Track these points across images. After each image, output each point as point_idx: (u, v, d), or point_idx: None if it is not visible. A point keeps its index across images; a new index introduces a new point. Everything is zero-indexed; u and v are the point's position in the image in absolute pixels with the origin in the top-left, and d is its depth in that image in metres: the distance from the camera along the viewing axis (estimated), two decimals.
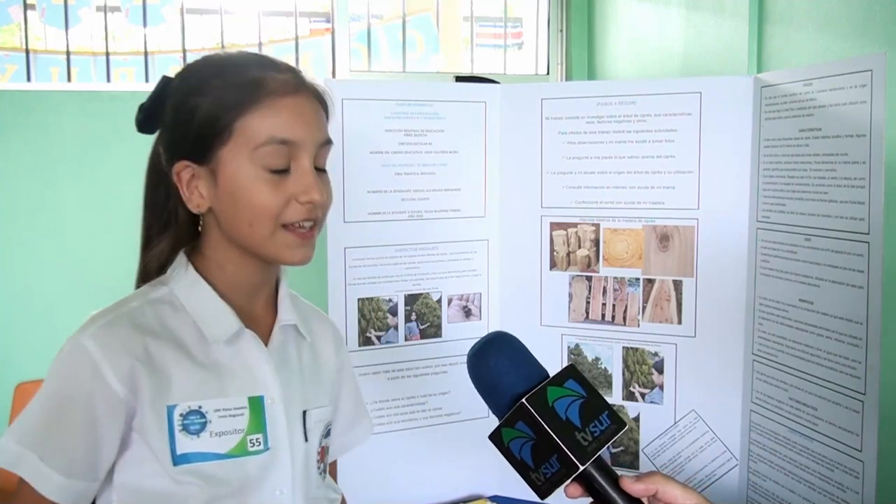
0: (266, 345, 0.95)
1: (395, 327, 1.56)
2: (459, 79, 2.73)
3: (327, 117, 0.96)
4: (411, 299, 1.56)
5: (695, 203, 1.48)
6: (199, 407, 0.88)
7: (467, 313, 1.61)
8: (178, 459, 0.85)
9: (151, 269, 0.97)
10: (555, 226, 1.57)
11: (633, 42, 2.80)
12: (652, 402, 1.53)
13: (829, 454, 1.29)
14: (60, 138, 2.67)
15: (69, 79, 2.81)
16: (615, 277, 1.54)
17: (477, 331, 1.60)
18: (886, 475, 1.24)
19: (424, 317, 1.58)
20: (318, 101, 0.94)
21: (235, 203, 0.88)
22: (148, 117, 0.95)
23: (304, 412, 0.98)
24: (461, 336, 1.60)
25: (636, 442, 1.55)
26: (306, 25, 3.01)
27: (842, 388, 1.25)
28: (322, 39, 2.98)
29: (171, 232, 0.96)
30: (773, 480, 1.42)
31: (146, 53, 2.84)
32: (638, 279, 1.53)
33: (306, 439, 0.97)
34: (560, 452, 0.69)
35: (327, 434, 1.03)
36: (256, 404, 0.91)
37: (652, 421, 1.53)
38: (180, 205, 0.93)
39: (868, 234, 1.19)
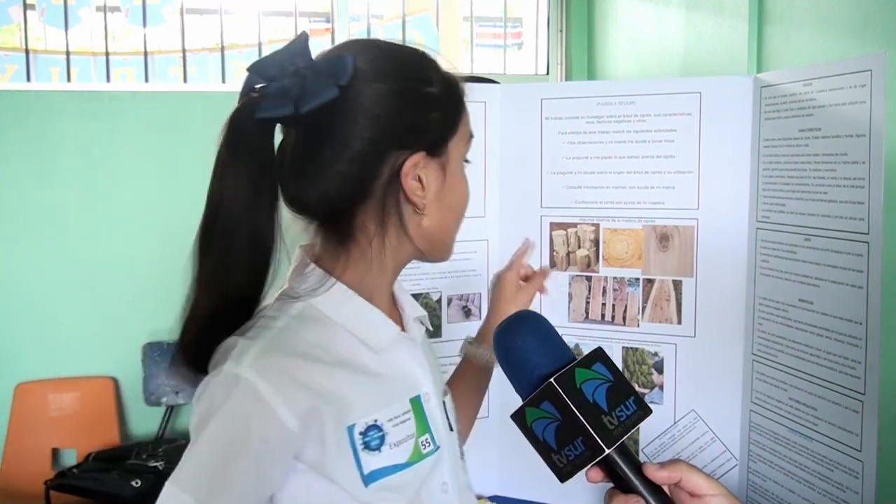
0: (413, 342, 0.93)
1: None
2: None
3: None
4: None
5: (694, 203, 1.48)
6: (375, 420, 0.82)
7: (467, 313, 1.61)
8: (367, 479, 0.79)
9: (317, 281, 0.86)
10: (554, 226, 1.57)
11: (633, 42, 2.80)
12: (651, 401, 1.53)
13: (828, 454, 1.29)
14: (60, 138, 2.68)
15: (69, 79, 2.81)
16: (615, 277, 1.54)
17: (476, 331, 1.60)
18: (886, 475, 1.24)
19: None
20: None
21: (454, 196, 0.88)
22: (344, 98, 0.79)
23: (444, 401, 0.94)
24: (461, 336, 1.59)
25: (636, 441, 1.55)
26: (306, 25, 3.01)
27: (841, 387, 1.25)
28: (322, 39, 2.98)
29: (331, 229, 0.86)
30: (772, 480, 1.42)
31: (146, 53, 2.85)
32: (638, 279, 1.53)
33: (451, 428, 0.94)
34: (586, 434, 0.69)
35: (457, 420, 1.00)
36: (417, 405, 0.87)
37: (651, 421, 1.52)
38: (387, 197, 0.83)
39: (868, 234, 1.19)
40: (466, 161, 0.90)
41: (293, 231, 0.87)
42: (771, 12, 2.04)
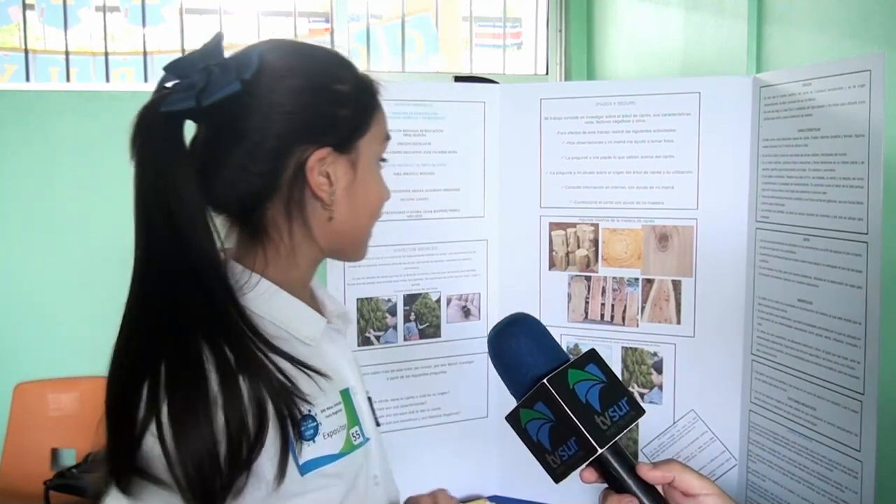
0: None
1: (394, 327, 1.56)
2: (459, 79, 2.74)
3: None
4: (410, 299, 1.57)
5: (694, 203, 1.48)
6: (310, 411, 0.82)
7: (466, 313, 1.61)
8: (303, 469, 0.80)
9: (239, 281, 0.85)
10: (554, 226, 1.57)
11: (633, 42, 2.80)
12: (651, 401, 1.53)
13: (827, 454, 1.29)
14: (59, 138, 2.68)
15: (68, 79, 2.81)
16: (614, 277, 1.54)
17: (476, 331, 1.60)
18: (885, 475, 1.24)
19: (423, 317, 1.58)
20: None
21: (366, 194, 0.88)
22: (246, 94, 0.80)
23: (370, 398, 0.96)
24: (460, 336, 1.60)
25: (635, 441, 1.55)
26: (305, 25, 3.01)
27: (840, 387, 1.25)
28: (321, 39, 2.98)
29: (243, 227, 0.86)
30: (771, 480, 1.42)
31: (145, 53, 2.85)
32: (637, 279, 1.53)
33: (377, 423, 0.96)
34: (579, 435, 0.69)
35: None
36: (346, 397, 0.89)
37: (651, 421, 1.53)
38: (293, 194, 0.84)
39: (867, 234, 1.19)
40: (383, 160, 0.91)
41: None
42: (770, 12, 2.04)
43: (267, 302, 0.85)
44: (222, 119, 0.82)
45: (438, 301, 1.59)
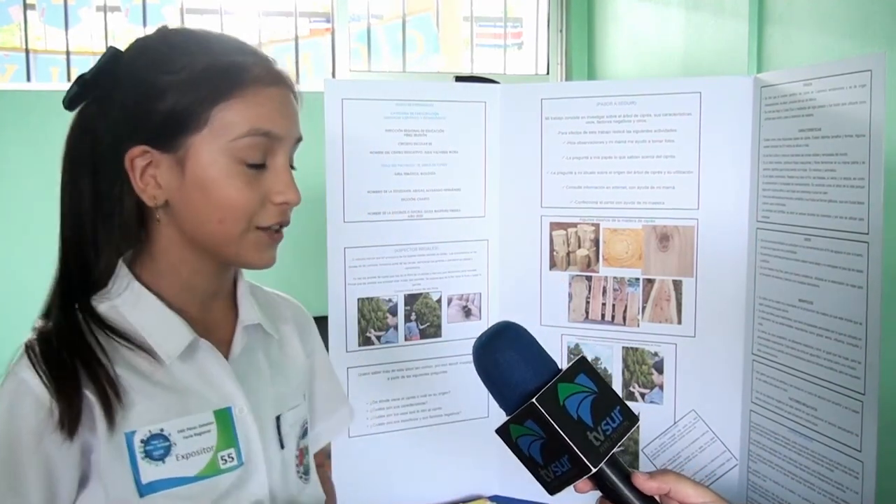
0: (228, 350, 0.88)
1: (395, 327, 1.56)
2: (459, 79, 2.73)
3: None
4: (411, 299, 1.56)
5: (695, 203, 1.48)
6: (161, 430, 0.79)
7: (467, 313, 1.61)
8: (143, 489, 0.77)
9: (101, 278, 0.84)
10: (554, 226, 1.57)
11: (633, 42, 2.80)
12: (652, 401, 1.53)
13: (828, 454, 1.29)
14: (60, 138, 2.67)
15: (69, 79, 2.81)
16: (615, 277, 1.54)
17: (477, 331, 1.58)
18: (886, 475, 1.24)
19: (424, 317, 1.58)
20: (294, 94, 0.86)
21: (205, 197, 0.79)
22: (86, 92, 0.82)
23: (278, 417, 0.91)
24: (461, 336, 1.60)
25: (636, 442, 1.55)
26: (306, 25, 3.01)
27: (841, 388, 1.25)
28: (322, 39, 2.98)
29: (115, 232, 0.83)
30: (772, 480, 1.42)
31: None
32: (638, 279, 1.53)
33: (282, 446, 0.90)
34: (572, 454, 0.67)
35: (304, 434, 0.96)
36: (224, 417, 0.83)
37: (651, 421, 1.53)
38: (126, 198, 0.82)
39: (867, 234, 1.19)
40: (253, 165, 0.81)
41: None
42: (771, 12, 2.04)
43: (134, 307, 0.83)
44: (82, 118, 0.85)
45: (439, 301, 1.59)
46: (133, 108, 0.80)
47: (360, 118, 1.48)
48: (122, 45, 0.84)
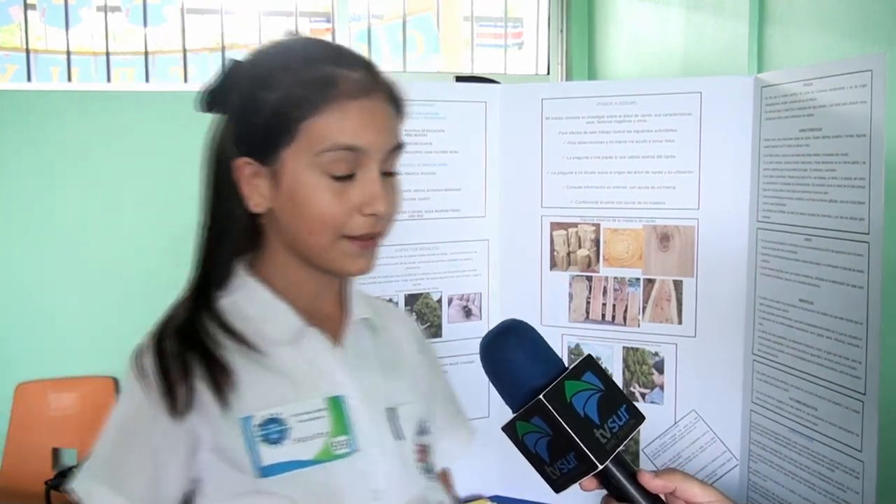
0: (338, 342, 0.91)
1: None
2: (460, 79, 2.73)
3: (400, 119, 0.91)
4: (411, 299, 1.56)
5: (695, 203, 1.48)
6: (277, 414, 0.83)
7: (467, 313, 1.61)
8: (265, 471, 0.80)
9: (219, 277, 0.89)
10: (555, 226, 1.57)
11: (634, 42, 2.80)
12: (652, 401, 1.53)
13: (829, 454, 1.29)
14: (60, 138, 2.67)
15: (69, 79, 2.81)
16: (615, 277, 1.54)
17: (477, 331, 1.60)
18: (887, 475, 1.24)
19: (425, 317, 1.58)
20: (391, 102, 0.89)
21: (296, 209, 0.83)
22: (212, 103, 0.88)
23: (392, 409, 0.91)
24: (461, 336, 1.60)
25: (636, 442, 1.55)
26: (307, 25, 3.01)
27: (842, 387, 1.25)
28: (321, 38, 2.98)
29: (232, 232, 0.89)
30: (773, 480, 1.42)
31: (146, 53, 2.84)
32: (638, 279, 1.53)
33: (397, 437, 0.91)
34: (578, 450, 0.67)
35: (423, 431, 0.96)
36: (337, 405, 0.86)
37: (652, 421, 1.53)
38: (239, 206, 0.87)
39: (868, 234, 1.19)
40: (341, 177, 0.82)
41: None
42: (771, 12, 2.04)
43: (251, 301, 0.88)
44: (214, 129, 0.90)
45: (439, 301, 1.59)
46: (238, 121, 0.85)
47: None
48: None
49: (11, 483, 2.63)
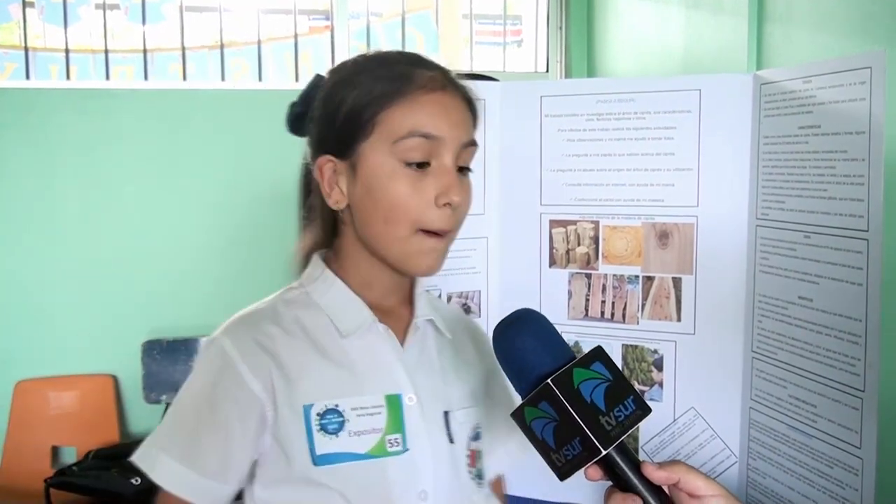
0: (402, 341, 0.93)
1: None
2: (459, 76, 2.73)
3: (475, 120, 0.93)
4: None
5: (694, 200, 1.48)
6: (337, 405, 0.85)
7: (467, 311, 1.61)
8: (318, 460, 0.83)
9: (299, 265, 0.97)
10: (554, 223, 1.57)
11: (633, 39, 2.80)
12: (651, 399, 1.53)
13: (828, 451, 1.29)
14: (59, 136, 2.67)
15: (68, 77, 2.81)
16: (614, 275, 1.54)
17: None
18: (886, 472, 1.24)
19: None
20: (466, 101, 0.91)
21: (372, 198, 0.86)
22: (299, 115, 0.94)
23: (448, 412, 0.93)
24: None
25: (635, 439, 1.55)
26: (305, 23, 3.01)
27: (841, 385, 1.25)
28: (321, 37, 2.98)
29: (311, 229, 0.95)
30: (772, 478, 1.42)
31: (145, 51, 2.84)
32: (637, 276, 1.53)
33: (451, 440, 0.92)
34: (583, 435, 0.68)
35: (476, 437, 0.96)
36: (394, 403, 0.88)
37: (651, 418, 1.52)
38: (322, 204, 0.92)
39: (867, 231, 1.19)
40: (418, 164, 0.85)
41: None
42: (771, 10, 2.04)
43: (325, 293, 0.92)
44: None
45: (438, 298, 1.58)
46: (322, 121, 0.90)
47: None
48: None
49: (11, 481, 2.63)
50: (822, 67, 1.27)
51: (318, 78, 0.93)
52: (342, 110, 0.87)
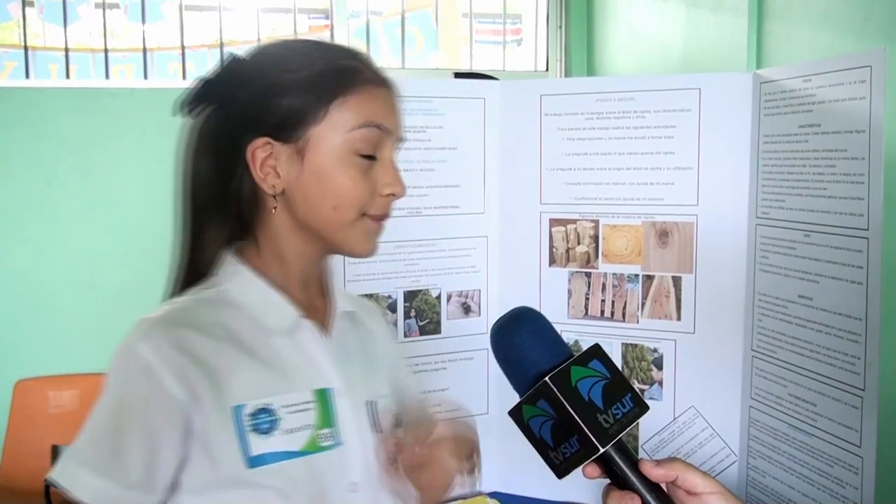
0: (325, 334, 0.92)
1: (395, 324, 1.56)
2: (458, 75, 2.73)
3: None
4: (410, 296, 1.56)
5: (694, 199, 1.48)
6: (268, 404, 0.84)
7: (466, 310, 1.61)
8: (253, 461, 0.81)
9: (204, 265, 0.91)
10: (554, 222, 1.57)
11: (633, 38, 2.79)
12: (651, 398, 1.53)
13: (828, 450, 1.29)
14: (59, 135, 2.67)
15: (68, 76, 2.80)
16: (614, 273, 1.54)
17: (476, 327, 1.60)
18: (885, 471, 1.24)
19: (424, 313, 1.58)
20: (397, 98, 0.94)
21: (322, 185, 0.85)
22: (208, 93, 0.89)
23: (372, 402, 0.93)
24: (460, 332, 1.60)
25: (635, 437, 1.55)
26: (305, 22, 3.00)
27: (841, 383, 1.25)
28: (321, 36, 2.98)
29: (228, 219, 0.90)
30: (772, 476, 1.42)
31: (145, 50, 2.84)
32: (637, 275, 1.53)
33: (376, 430, 0.93)
34: (581, 433, 0.68)
35: (398, 424, 0.98)
36: (324, 397, 0.88)
37: (651, 417, 1.53)
38: (244, 189, 0.88)
39: (867, 229, 1.19)
40: (367, 157, 0.87)
41: None
42: (770, 8, 2.04)
43: (244, 291, 0.89)
44: (202, 118, 0.90)
45: (438, 297, 1.59)
46: (256, 103, 0.86)
47: None
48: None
49: (11, 480, 2.63)
50: (822, 66, 1.27)
51: (235, 56, 0.89)
52: (287, 95, 0.85)
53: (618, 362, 1.55)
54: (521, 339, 0.74)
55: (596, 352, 0.73)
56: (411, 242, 1.55)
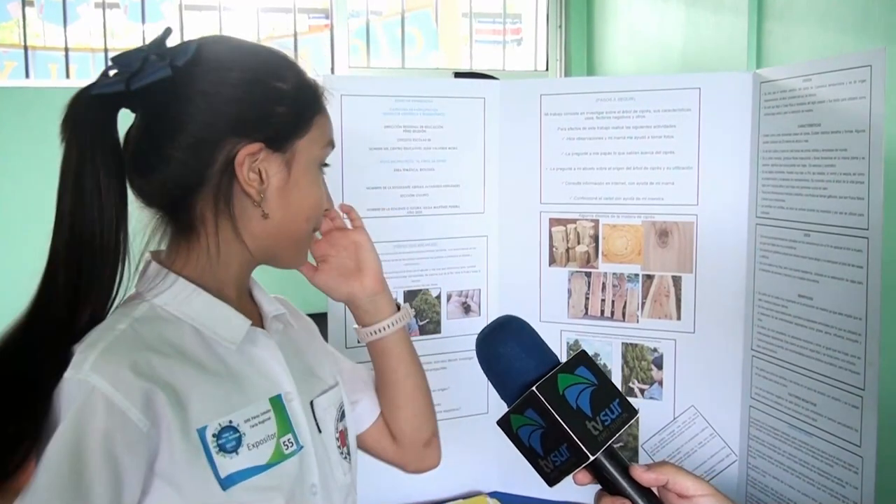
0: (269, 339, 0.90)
1: None
2: (458, 75, 2.73)
3: None
4: (410, 295, 1.56)
5: (694, 199, 1.48)
6: (230, 421, 0.79)
7: (466, 309, 1.61)
8: (224, 483, 0.77)
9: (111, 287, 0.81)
10: (554, 222, 1.57)
11: (633, 38, 2.79)
12: (651, 397, 1.53)
13: (828, 450, 1.29)
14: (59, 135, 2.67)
15: (68, 75, 2.80)
16: (614, 273, 1.54)
17: (476, 327, 1.58)
18: (886, 471, 1.24)
19: (423, 313, 1.57)
20: None
21: (300, 196, 0.87)
22: (172, 79, 0.80)
23: (311, 402, 0.93)
24: (460, 332, 1.60)
25: (635, 437, 1.55)
26: (305, 22, 3.00)
27: (841, 383, 1.25)
28: (321, 36, 2.98)
29: (161, 229, 0.85)
30: (772, 476, 1.42)
31: None
32: (637, 275, 1.53)
33: (319, 430, 0.92)
34: (570, 442, 0.68)
35: (342, 417, 0.98)
36: (277, 404, 0.85)
37: (651, 417, 1.53)
38: (208, 189, 0.82)
39: (867, 229, 1.19)
40: (325, 166, 0.91)
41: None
42: (770, 8, 2.04)
43: (184, 303, 0.83)
44: (154, 106, 0.82)
45: (438, 297, 1.58)
46: (255, 106, 0.83)
47: (358, 114, 1.48)
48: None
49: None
50: (822, 65, 1.27)
51: (210, 49, 0.83)
52: (283, 104, 0.83)
53: (618, 362, 1.55)
54: (507, 348, 0.74)
55: (582, 358, 0.73)
56: (411, 242, 1.55)
